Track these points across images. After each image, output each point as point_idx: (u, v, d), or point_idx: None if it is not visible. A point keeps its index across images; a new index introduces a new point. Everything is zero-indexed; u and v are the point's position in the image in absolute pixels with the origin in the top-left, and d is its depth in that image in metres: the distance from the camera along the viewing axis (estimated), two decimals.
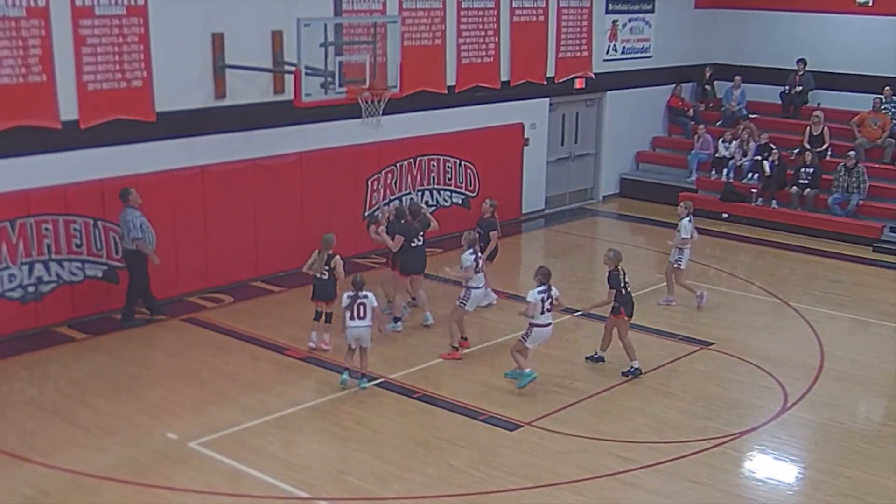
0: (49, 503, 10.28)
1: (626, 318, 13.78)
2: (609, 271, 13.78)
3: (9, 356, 13.92)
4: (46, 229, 14.62)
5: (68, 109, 14.66)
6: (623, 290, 13.71)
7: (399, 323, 15.10)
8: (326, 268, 13.90)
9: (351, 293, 12.85)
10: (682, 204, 16.82)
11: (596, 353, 14.05)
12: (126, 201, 14.83)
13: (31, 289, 14.61)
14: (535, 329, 12.91)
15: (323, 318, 14.22)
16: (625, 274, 13.77)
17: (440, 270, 16.89)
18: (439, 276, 16.86)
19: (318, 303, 14.17)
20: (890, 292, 17.99)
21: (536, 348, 13.19)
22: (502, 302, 16.15)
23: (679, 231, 16.38)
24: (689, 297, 16.56)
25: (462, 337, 14.34)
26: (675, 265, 16.43)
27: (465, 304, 14.18)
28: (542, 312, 12.85)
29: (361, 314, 12.82)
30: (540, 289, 12.85)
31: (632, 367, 13.68)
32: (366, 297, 12.84)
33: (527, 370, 12.99)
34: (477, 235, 14.83)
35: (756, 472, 11.40)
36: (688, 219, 16.44)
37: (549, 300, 12.88)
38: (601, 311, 14.27)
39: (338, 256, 13.89)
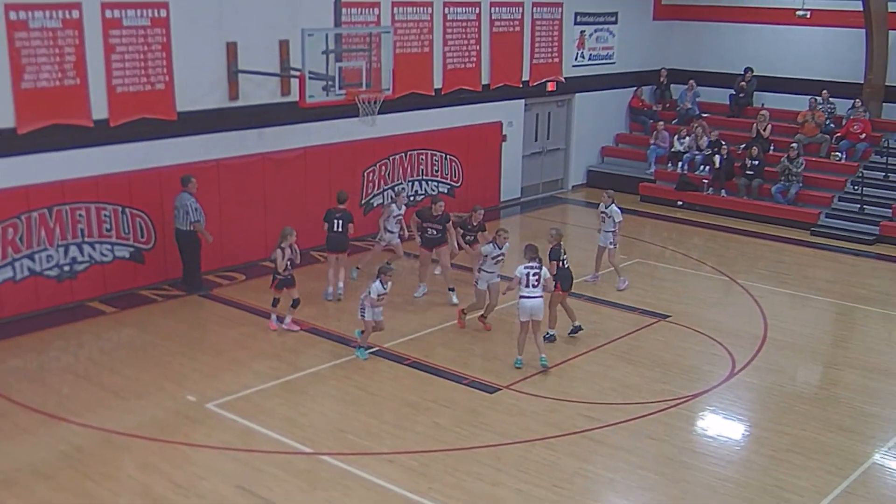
0: (82, 458, 10.24)
1: (560, 292, 13.63)
2: (551, 247, 13.65)
3: (47, 328, 13.87)
4: (80, 215, 14.53)
5: (99, 109, 14.58)
6: (561, 265, 13.54)
7: (453, 292, 15.16)
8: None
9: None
10: (606, 193, 16.42)
11: (573, 326, 13.90)
12: (185, 187, 14.94)
13: (66, 268, 14.54)
14: (521, 300, 12.53)
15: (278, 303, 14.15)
16: (564, 251, 13.67)
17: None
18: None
19: None
20: (826, 271, 18.04)
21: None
22: None
23: (612, 217, 16.03)
24: (651, 275, 16.51)
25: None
26: (612, 246, 16.18)
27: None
28: (528, 286, 12.48)
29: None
30: (528, 265, 12.54)
31: (548, 333, 13.60)
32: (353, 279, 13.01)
33: (518, 357, 12.82)
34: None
35: (707, 429, 11.41)
36: (615, 205, 16.21)
37: (536, 276, 12.49)
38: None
39: (278, 250, 13.74)
